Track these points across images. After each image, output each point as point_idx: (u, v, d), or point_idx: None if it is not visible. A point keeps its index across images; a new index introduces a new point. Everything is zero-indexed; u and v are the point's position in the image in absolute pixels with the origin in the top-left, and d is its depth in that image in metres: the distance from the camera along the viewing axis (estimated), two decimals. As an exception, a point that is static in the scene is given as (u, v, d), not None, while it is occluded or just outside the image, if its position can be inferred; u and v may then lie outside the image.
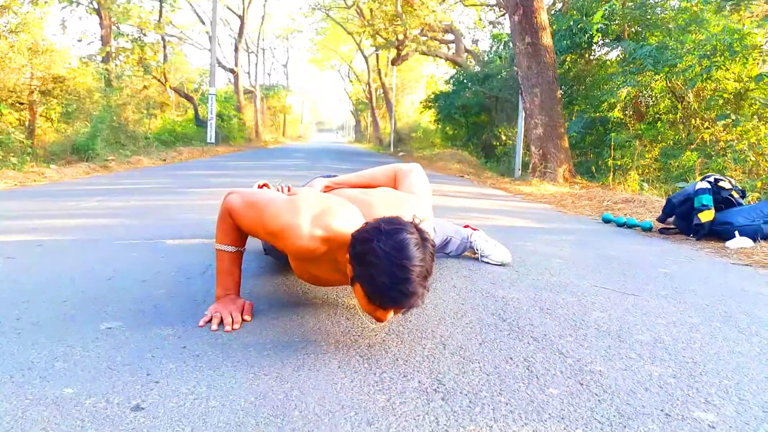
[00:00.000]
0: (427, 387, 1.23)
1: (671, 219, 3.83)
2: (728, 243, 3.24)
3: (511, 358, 1.41)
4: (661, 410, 1.16)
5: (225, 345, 1.42)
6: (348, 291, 1.97)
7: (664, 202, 4.15)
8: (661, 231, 3.74)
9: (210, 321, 1.57)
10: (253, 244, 2.72)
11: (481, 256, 2.54)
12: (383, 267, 1.27)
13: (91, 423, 1.03)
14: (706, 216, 3.43)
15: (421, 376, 1.28)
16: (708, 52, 7.44)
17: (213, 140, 16.10)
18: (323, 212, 1.50)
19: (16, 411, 1.06)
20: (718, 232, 3.41)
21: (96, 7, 14.94)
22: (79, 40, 23.14)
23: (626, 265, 2.63)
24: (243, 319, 1.60)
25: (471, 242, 2.56)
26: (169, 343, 1.42)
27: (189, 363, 1.30)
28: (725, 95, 8.07)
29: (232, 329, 1.53)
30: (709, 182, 3.59)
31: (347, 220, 1.51)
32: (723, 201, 3.55)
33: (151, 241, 2.74)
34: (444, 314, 1.76)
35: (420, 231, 1.34)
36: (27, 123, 8.82)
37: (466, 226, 2.64)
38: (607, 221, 4.24)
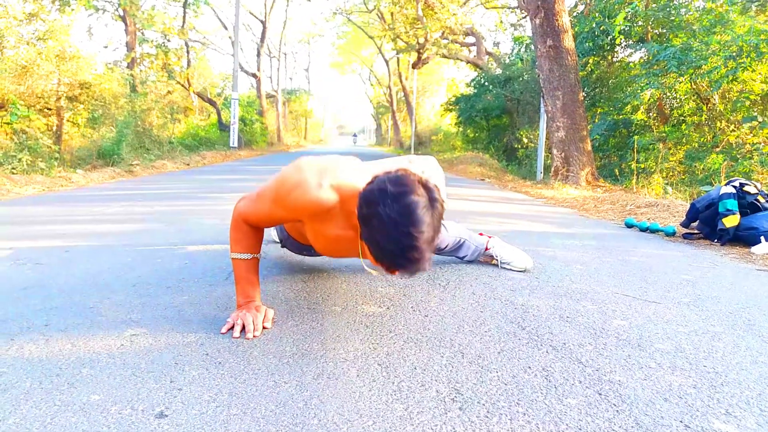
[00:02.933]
0: (445, 396, 1.24)
1: (695, 224, 3.78)
2: (754, 248, 3.19)
3: (529, 368, 1.41)
4: (681, 421, 1.16)
5: (246, 353, 1.45)
6: (367, 297, 1.99)
7: (688, 206, 4.10)
8: (685, 236, 3.69)
9: (232, 328, 1.60)
10: (271, 251, 2.76)
11: (501, 263, 2.52)
12: (389, 234, 1.27)
13: (117, 430, 1.06)
14: (731, 221, 3.38)
15: (439, 386, 1.29)
16: (734, 54, 7.33)
17: (236, 144, 16.27)
18: (327, 166, 1.58)
19: (45, 417, 1.09)
20: (744, 238, 3.36)
21: (121, 14, 15.20)
22: (105, 47, 23.68)
23: (648, 272, 2.60)
24: (264, 326, 1.62)
25: (489, 248, 2.54)
26: (192, 350, 1.45)
27: (211, 370, 1.33)
28: (752, 97, 7.94)
29: (254, 337, 1.55)
30: (734, 187, 3.54)
31: (354, 170, 1.59)
32: (748, 206, 3.49)
33: (176, 247, 2.79)
34: (463, 322, 1.76)
35: (428, 190, 1.33)
36: (54, 128, 9.02)
37: (480, 234, 2.61)
38: (629, 226, 4.20)
